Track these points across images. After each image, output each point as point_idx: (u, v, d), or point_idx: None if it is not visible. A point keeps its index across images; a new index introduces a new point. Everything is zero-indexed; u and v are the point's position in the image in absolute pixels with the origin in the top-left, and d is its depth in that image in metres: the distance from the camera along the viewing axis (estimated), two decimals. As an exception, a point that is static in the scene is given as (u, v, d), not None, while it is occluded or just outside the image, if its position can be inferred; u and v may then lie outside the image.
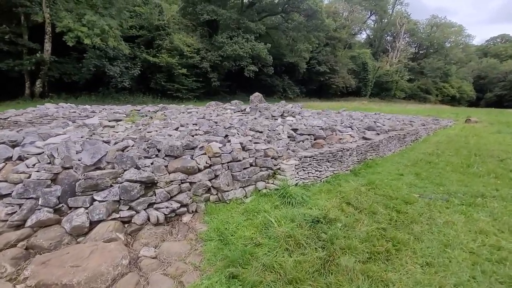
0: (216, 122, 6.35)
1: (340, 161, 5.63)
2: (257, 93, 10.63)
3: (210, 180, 3.88)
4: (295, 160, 4.82)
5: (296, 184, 4.68)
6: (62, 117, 8.72)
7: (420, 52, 69.23)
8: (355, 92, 51.19)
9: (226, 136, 4.93)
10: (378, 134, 8.04)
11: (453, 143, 9.61)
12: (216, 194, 3.93)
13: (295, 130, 5.96)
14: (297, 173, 4.73)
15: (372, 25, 64.93)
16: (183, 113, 8.16)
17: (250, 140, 5.07)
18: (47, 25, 18.02)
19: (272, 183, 4.46)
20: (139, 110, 8.76)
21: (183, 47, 24.07)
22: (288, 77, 42.69)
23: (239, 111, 8.48)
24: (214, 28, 29.89)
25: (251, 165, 4.34)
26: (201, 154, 3.94)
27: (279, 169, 4.59)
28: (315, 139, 5.92)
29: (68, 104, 10.26)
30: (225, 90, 36.03)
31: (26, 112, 9.24)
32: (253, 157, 4.44)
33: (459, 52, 65.76)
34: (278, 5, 34.23)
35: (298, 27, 31.78)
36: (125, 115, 7.33)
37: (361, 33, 64.17)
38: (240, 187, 4.09)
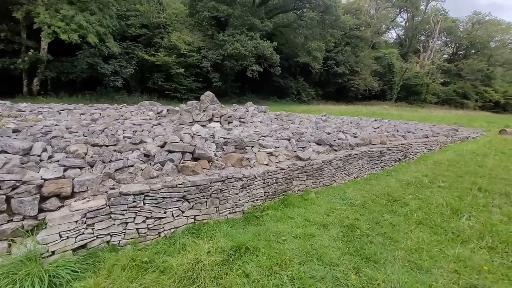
0: (68, 129, 4.48)
1: (218, 198, 3.44)
2: (208, 92, 8.65)
3: None
4: (104, 199, 2.77)
5: (82, 247, 2.61)
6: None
7: (459, 52, 61.83)
8: (379, 96, 46.68)
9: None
10: (336, 150, 5.60)
11: (459, 165, 6.73)
12: None
13: (163, 145, 3.87)
14: (91, 225, 2.66)
15: (403, 24, 59.18)
16: (82, 114, 6.45)
17: (60, 163, 3.12)
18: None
19: (27, 245, 2.45)
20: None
21: (180, 45, 22.81)
22: (304, 78, 39.96)
23: (157, 114, 6.56)
24: (223, 26, 28.37)
25: (-16, 211, 2.39)
26: None
27: (45, 218, 2.56)
28: (194, 159, 3.79)
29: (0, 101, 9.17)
30: (235, 91, 34.47)
31: None
32: (3, 195, 2.48)
33: (507, 53, 57.30)
34: (290, 2, 31.75)
35: (310, 23, 29.02)
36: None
37: (388, 32, 58.88)
38: None
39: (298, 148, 5.07)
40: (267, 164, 4.27)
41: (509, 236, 3.10)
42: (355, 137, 6.70)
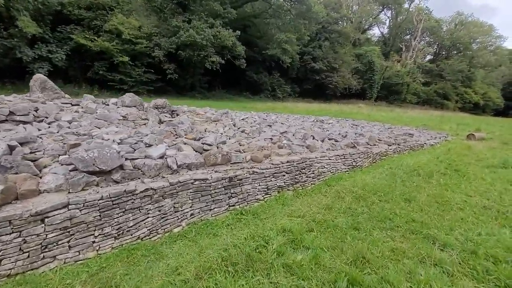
0: None
1: None
2: (38, 75, 5.77)
3: None
4: None
5: None
6: None
7: (442, 53, 59.96)
8: (359, 94, 44.07)
9: None
10: (117, 181, 2.80)
11: (374, 198, 4.02)
12: None
13: None
14: None
15: (387, 22, 56.69)
16: None
17: None
18: None
19: None
20: None
21: (123, 30, 19.55)
22: (279, 74, 36.94)
23: None
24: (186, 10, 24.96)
25: None
26: None
27: None
28: None
29: None
30: (203, 85, 31.27)
31: None
32: None
33: (488, 55, 55.65)
34: (260, -10, 28.59)
35: (279, 13, 26.01)
36: None
37: (371, 29, 56.36)
38: None
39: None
40: None
41: None
42: (204, 150, 3.90)
